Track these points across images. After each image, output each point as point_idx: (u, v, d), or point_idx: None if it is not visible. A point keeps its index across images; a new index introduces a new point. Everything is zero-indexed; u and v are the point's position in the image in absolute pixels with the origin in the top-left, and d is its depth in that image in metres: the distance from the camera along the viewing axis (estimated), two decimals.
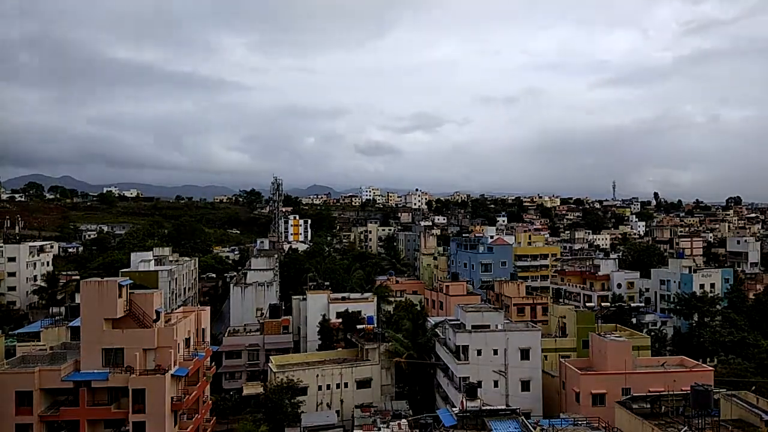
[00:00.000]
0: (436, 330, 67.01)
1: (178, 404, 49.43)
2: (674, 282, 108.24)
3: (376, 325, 75.20)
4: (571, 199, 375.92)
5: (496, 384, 56.88)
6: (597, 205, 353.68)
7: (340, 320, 77.28)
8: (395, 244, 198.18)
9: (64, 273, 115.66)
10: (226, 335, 79.42)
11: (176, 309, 66.28)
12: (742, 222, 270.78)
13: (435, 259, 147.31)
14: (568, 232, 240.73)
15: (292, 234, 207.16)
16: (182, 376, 51.38)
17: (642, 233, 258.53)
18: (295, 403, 59.01)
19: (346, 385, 64.80)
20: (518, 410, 47.29)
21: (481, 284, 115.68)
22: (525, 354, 58.01)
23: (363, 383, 65.69)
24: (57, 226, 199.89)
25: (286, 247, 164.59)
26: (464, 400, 49.01)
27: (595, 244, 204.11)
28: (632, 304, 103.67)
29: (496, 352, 57.60)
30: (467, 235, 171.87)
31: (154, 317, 51.43)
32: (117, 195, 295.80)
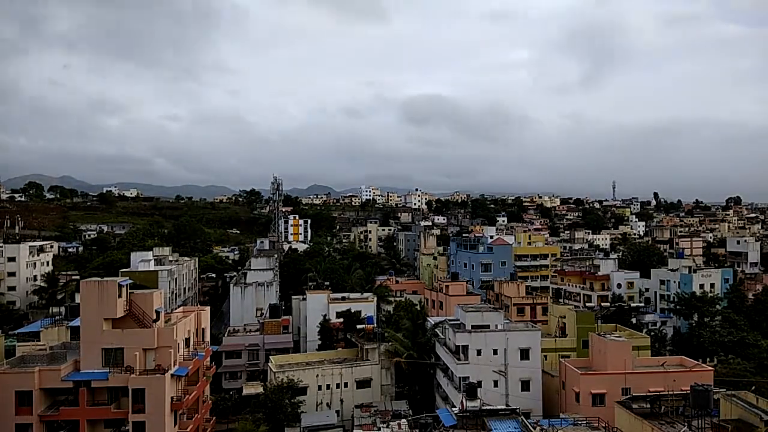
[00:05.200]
0: (436, 330, 66.99)
1: (178, 404, 49.44)
2: (674, 282, 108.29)
3: (376, 325, 75.21)
4: (570, 199, 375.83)
5: (496, 384, 56.85)
6: (597, 205, 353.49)
7: (340, 320, 77.31)
8: (395, 244, 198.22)
9: (64, 273, 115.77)
10: (226, 335, 79.35)
11: (176, 309, 66.26)
12: (742, 222, 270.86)
13: (435, 259, 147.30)
14: (568, 232, 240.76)
15: (291, 234, 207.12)
16: (182, 376, 51.42)
17: (642, 233, 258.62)
18: (295, 403, 59.04)
19: (346, 385, 64.81)
20: (518, 410, 47.29)
21: (481, 284, 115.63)
22: (525, 354, 57.99)
23: (363, 383, 65.70)
24: (57, 226, 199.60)
25: (286, 247, 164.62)
26: (464, 400, 48.97)
27: (595, 244, 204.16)
28: (632, 304, 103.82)
29: (496, 352, 57.59)
30: (467, 235, 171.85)
31: (154, 317, 51.45)
32: (117, 195, 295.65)
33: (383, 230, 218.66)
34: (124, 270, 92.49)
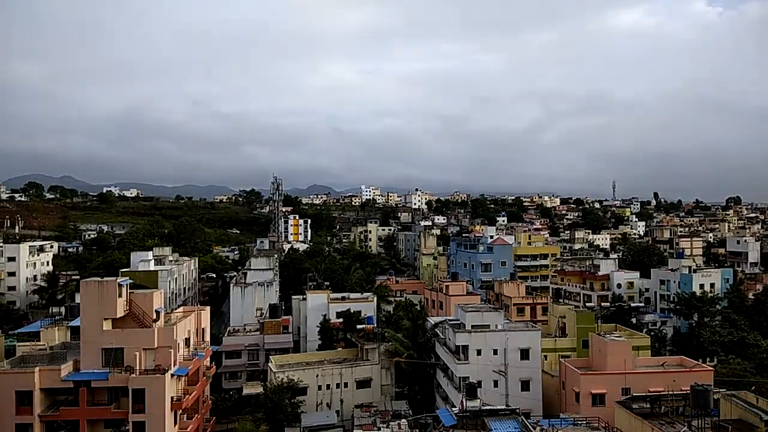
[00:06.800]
0: (436, 330, 66.98)
1: (177, 404, 49.43)
2: (674, 282, 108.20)
3: (376, 325, 75.20)
4: (570, 199, 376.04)
5: (496, 384, 56.84)
6: (597, 205, 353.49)
7: (340, 320, 77.32)
8: (395, 244, 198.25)
9: (64, 273, 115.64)
10: (226, 335, 79.35)
11: (176, 309, 66.27)
12: (742, 222, 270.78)
13: (435, 259, 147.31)
14: (568, 232, 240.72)
15: (291, 234, 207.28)
16: (182, 376, 51.43)
17: (642, 233, 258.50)
18: (295, 403, 59.04)
19: (346, 385, 64.80)
20: (518, 410, 47.27)
21: (481, 284, 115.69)
22: (525, 354, 57.97)
23: (363, 383, 65.70)
24: (57, 226, 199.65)
25: (286, 247, 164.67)
26: (464, 400, 48.93)
27: (595, 244, 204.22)
28: (632, 304, 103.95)
29: (495, 352, 57.57)
30: (467, 235, 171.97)
31: (154, 317, 51.48)
32: (117, 195, 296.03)
33: (383, 230, 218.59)
34: (124, 270, 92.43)
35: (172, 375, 49.46)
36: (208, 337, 63.61)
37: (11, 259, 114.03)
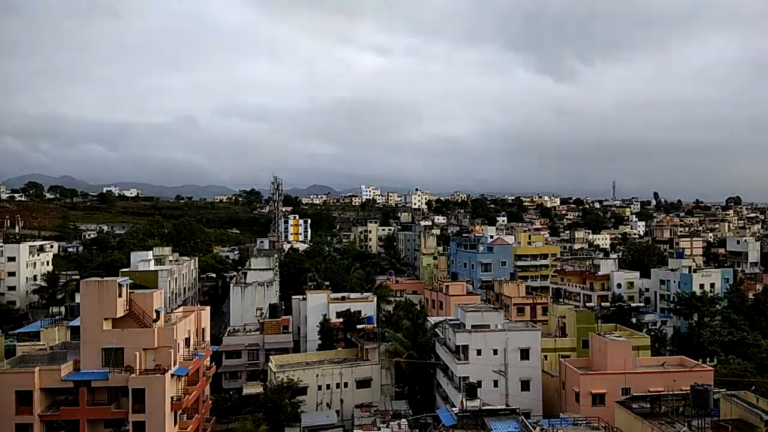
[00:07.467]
0: (436, 330, 67.00)
1: (177, 404, 49.44)
2: (674, 282, 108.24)
3: (376, 325, 75.19)
4: (570, 198, 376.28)
5: (496, 384, 56.85)
6: (597, 205, 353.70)
7: (340, 320, 77.31)
8: (395, 243, 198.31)
9: (64, 273, 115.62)
10: (226, 335, 79.34)
11: (176, 309, 66.25)
12: (742, 222, 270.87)
13: (435, 259, 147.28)
14: (567, 232, 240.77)
15: (291, 234, 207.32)
16: (182, 376, 51.43)
17: (642, 233, 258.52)
18: (295, 403, 59.07)
19: (346, 384, 64.81)
20: (518, 410, 47.31)
21: (481, 284, 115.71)
22: (525, 354, 57.98)
23: (363, 383, 65.70)
24: (57, 226, 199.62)
25: (286, 247, 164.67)
26: (464, 400, 48.96)
27: (594, 244, 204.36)
28: (632, 304, 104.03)
29: (495, 351, 57.57)
30: (467, 235, 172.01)
31: (154, 317, 51.47)
32: (117, 195, 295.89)
33: (383, 230, 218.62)
34: (124, 270, 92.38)
35: (172, 375, 49.45)
36: (208, 337, 63.59)
37: (11, 259, 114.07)
